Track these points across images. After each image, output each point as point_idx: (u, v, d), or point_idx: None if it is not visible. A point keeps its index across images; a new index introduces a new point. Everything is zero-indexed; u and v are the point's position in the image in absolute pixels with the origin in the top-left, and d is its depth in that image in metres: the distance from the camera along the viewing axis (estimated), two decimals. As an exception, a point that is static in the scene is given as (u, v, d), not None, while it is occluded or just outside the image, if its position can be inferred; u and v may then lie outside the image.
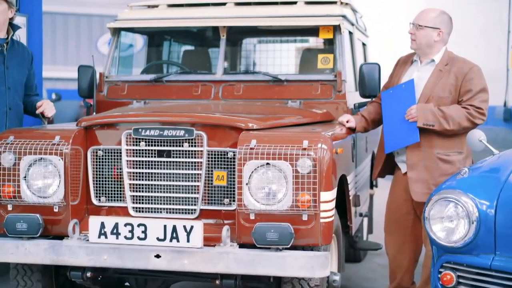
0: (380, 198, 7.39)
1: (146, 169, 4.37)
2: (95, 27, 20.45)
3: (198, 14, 5.55)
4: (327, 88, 5.22)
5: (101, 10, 19.86)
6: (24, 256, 4.24)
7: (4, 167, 4.33)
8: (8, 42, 4.81)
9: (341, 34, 5.32)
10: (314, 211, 4.02)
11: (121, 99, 5.46)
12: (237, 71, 6.35)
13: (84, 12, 20.09)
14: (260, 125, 4.34)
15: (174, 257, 4.07)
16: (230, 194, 4.28)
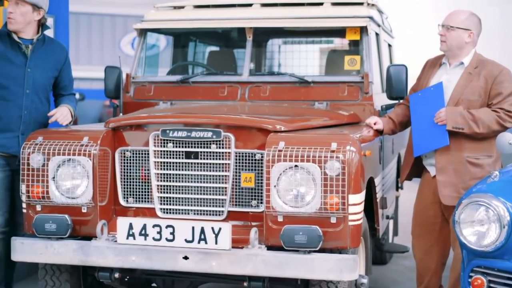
0: (405, 200, 7.36)
1: (174, 170, 4.38)
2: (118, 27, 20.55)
3: (224, 15, 5.54)
4: (354, 90, 5.19)
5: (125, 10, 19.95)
6: (53, 256, 4.27)
7: (33, 168, 4.35)
8: (34, 44, 4.79)
9: (368, 35, 5.30)
10: (343, 214, 4.01)
11: (147, 100, 5.47)
12: (262, 72, 6.33)
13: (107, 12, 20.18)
14: (288, 127, 4.33)
15: (202, 258, 4.07)
16: (257, 196, 4.28)
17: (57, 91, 5.01)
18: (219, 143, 4.30)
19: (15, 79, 4.68)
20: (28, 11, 4.73)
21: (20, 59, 4.72)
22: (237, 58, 6.31)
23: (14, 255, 4.35)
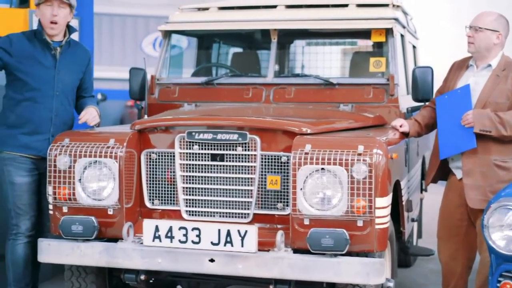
0: (429, 202, 7.32)
1: (199, 173, 4.38)
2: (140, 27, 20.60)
3: (249, 17, 5.54)
4: (380, 92, 5.17)
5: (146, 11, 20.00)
6: (79, 258, 4.28)
7: (60, 170, 4.37)
8: (63, 46, 4.81)
9: (393, 37, 5.27)
10: (370, 217, 3.99)
11: (172, 101, 5.47)
12: (286, 74, 6.32)
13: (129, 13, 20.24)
14: (314, 130, 4.32)
15: (228, 261, 4.07)
16: (283, 198, 4.27)
17: (79, 93, 5.01)
18: (245, 145, 4.29)
19: (45, 82, 4.70)
20: (68, 13, 4.76)
21: (50, 61, 4.73)
22: (260, 59, 6.31)
23: (41, 256, 4.37)
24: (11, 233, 4.67)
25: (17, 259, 4.66)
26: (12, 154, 4.65)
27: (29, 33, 4.72)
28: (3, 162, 4.64)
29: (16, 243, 4.66)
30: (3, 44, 4.58)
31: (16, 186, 4.63)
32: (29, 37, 4.67)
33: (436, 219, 4.98)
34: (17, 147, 4.60)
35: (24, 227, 4.67)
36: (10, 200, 4.65)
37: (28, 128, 4.68)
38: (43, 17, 4.67)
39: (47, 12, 4.67)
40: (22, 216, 4.66)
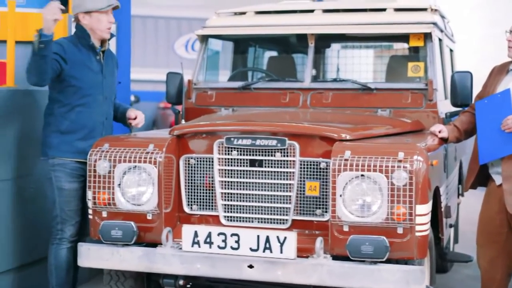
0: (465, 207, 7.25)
1: (238, 178, 4.38)
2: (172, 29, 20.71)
3: (286, 22, 5.52)
4: (418, 97, 5.13)
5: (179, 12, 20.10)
6: (118, 262, 4.31)
7: (100, 174, 4.40)
8: (105, 51, 4.87)
9: (432, 41, 5.23)
10: (410, 224, 3.96)
11: (209, 106, 5.48)
12: (322, 78, 6.30)
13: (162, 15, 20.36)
14: (353, 136, 4.30)
15: (267, 267, 4.07)
16: (322, 205, 4.26)
17: None
18: (284, 151, 4.29)
19: (95, 86, 4.76)
20: (112, 20, 4.86)
21: (96, 66, 4.79)
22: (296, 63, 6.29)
23: (81, 260, 4.41)
24: (55, 238, 4.72)
25: (61, 263, 4.70)
26: (63, 160, 4.68)
27: (73, 39, 4.76)
28: (52, 168, 4.68)
29: (60, 248, 4.70)
30: (59, 51, 4.61)
31: (65, 192, 4.67)
32: (74, 42, 4.72)
33: (472, 223, 4.93)
34: (73, 153, 4.63)
35: (69, 233, 4.71)
36: (57, 206, 4.68)
37: (83, 133, 4.72)
38: (100, 24, 4.74)
39: (104, 19, 4.75)
40: (68, 221, 4.70)
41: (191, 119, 5.22)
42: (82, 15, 4.72)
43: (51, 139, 4.69)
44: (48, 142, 4.70)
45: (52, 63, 4.53)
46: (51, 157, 4.68)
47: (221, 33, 5.71)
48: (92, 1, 4.70)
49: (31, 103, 5.13)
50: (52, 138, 4.69)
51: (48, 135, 4.71)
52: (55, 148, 4.67)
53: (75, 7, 4.74)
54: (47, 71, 4.49)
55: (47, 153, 4.69)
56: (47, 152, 4.69)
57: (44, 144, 4.73)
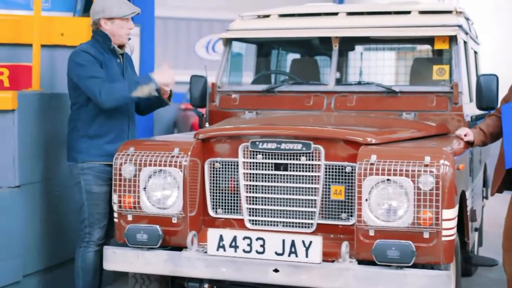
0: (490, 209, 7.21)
1: (263, 182, 4.38)
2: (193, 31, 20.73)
3: (310, 25, 5.51)
4: (443, 100, 5.09)
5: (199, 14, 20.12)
6: (144, 266, 4.33)
7: (125, 178, 4.41)
8: (124, 54, 4.90)
9: (457, 44, 5.19)
10: (436, 229, 3.94)
11: (233, 109, 5.48)
12: (346, 81, 6.28)
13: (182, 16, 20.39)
14: (378, 140, 4.28)
15: (292, 271, 4.06)
16: (348, 209, 4.25)
17: None
18: (309, 155, 4.28)
19: None
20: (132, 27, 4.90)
21: (118, 69, 4.82)
22: (319, 66, 6.28)
23: (106, 264, 4.43)
24: (83, 241, 4.74)
25: (88, 266, 4.72)
26: (92, 163, 4.70)
27: (94, 43, 4.77)
28: (81, 172, 4.70)
29: (88, 251, 4.72)
30: (94, 62, 4.64)
31: (94, 195, 4.69)
32: (96, 47, 4.74)
33: (496, 226, 4.89)
34: (102, 156, 4.65)
35: (97, 236, 4.73)
36: (85, 209, 4.70)
37: (111, 136, 4.74)
38: (122, 29, 4.78)
39: (125, 26, 4.79)
40: (96, 224, 4.72)
41: (215, 122, 5.23)
42: (104, 20, 4.74)
43: (80, 144, 4.71)
44: (76, 147, 4.72)
45: (102, 72, 4.63)
46: (81, 162, 4.69)
47: (245, 36, 5.70)
48: (117, 8, 4.73)
49: (56, 106, 5.16)
50: (80, 143, 4.71)
51: (76, 140, 4.72)
52: (84, 153, 4.70)
53: (98, 13, 4.75)
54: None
55: (76, 157, 4.71)
56: (76, 156, 4.71)
57: (72, 149, 4.75)
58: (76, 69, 4.63)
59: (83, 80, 4.60)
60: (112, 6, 4.72)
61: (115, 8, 4.73)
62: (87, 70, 4.60)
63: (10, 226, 4.73)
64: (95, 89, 4.56)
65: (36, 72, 5.22)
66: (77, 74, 4.63)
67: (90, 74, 4.59)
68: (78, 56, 4.65)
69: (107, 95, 4.56)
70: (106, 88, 4.57)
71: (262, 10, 5.93)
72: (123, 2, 4.81)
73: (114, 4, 4.73)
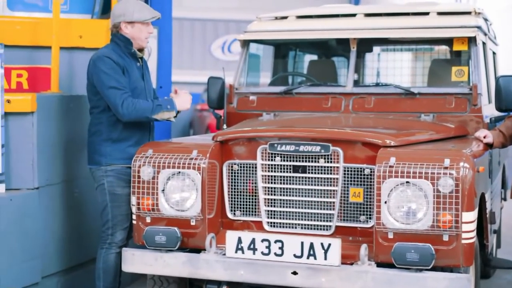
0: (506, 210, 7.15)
1: (281, 184, 4.38)
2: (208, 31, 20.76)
3: (328, 26, 5.49)
4: (462, 102, 5.07)
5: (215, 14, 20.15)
6: (162, 268, 4.33)
7: (144, 180, 4.42)
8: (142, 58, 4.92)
9: (476, 45, 5.17)
10: (456, 232, 3.92)
11: (250, 111, 5.47)
12: (364, 83, 6.26)
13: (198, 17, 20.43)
14: (397, 142, 4.27)
15: (311, 274, 4.06)
16: (366, 211, 4.23)
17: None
18: (328, 157, 4.27)
19: (141, 93, 4.79)
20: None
21: (138, 72, 4.83)
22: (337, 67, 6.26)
23: (125, 266, 4.44)
24: (105, 242, 4.75)
25: (109, 268, 4.73)
26: (115, 166, 4.71)
27: (114, 47, 4.76)
28: (105, 174, 4.71)
29: (109, 253, 4.73)
30: (118, 69, 4.65)
31: (117, 197, 4.70)
32: (117, 51, 4.74)
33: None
34: (125, 159, 4.64)
35: (119, 237, 4.74)
36: (108, 210, 4.71)
37: (134, 139, 4.75)
38: (141, 33, 4.79)
39: (144, 30, 4.80)
40: (119, 226, 4.72)
41: (232, 124, 5.23)
42: (124, 24, 4.75)
43: (104, 147, 4.72)
44: (100, 150, 4.72)
45: (125, 81, 4.67)
46: (105, 165, 4.71)
47: (262, 38, 5.70)
48: (138, 12, 4.73)
49: (75, 108, 5.18)
50: (104, 147, 4.72)
51: (99, 143, 4.73)
52: (108, 156, 4.71)
53: (118, 16, 4.76)
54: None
55: (99, 161, 4.72)
56: (100, 160, 4.72)
57: (95, 152, 4.75)
58: (99, 76, 4.63)
59: (106, 89, 4.61)
60: (133, 10, 4.73)
61: (136, 12, 4.74)
62: (110, 79, 4.61)
63: (29, 227, 4.75)
64: (117, 100, 4.57)
65: (55, 74, 5.25)
66: (100, 81, 4.63)
67: (113, 84, 4.60)
68: (101, 62, 4.64)
69: (128, 110, 4.58)
70: (129, 103, 4.58)
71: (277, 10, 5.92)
72: (144, 6, 4.83)
73: (135, 8, 4.74)
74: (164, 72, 6.35)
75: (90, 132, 4.80)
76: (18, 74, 5.36)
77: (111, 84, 4.60)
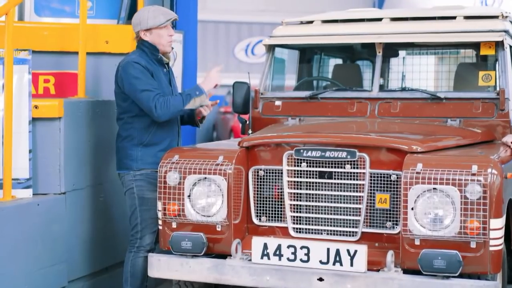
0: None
1: (307, 190, 4.38)
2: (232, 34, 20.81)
3: (354, 30, 5.47)
4: (489, 107, 5.02)
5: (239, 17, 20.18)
6: (188, 274, 4.35)
7: (170, 186, 4.44)
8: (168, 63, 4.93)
9: (503, 50, 5.11)
10: (484, 239, 3.90)
11: (275, 115, 5.46)
12: (389, 87, 6.23)
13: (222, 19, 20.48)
14: (424, 148, 4.25)
15: (337, 281, 4.05)
16: (392, 217, 4.22)
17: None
18: (354, 163, 4.26)
19: None
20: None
21: (165, 78, 4.86)
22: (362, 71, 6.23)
23: (151, 271, 4.46)
24: (134, 246, 4.76)
25: (137, 272, 4.74)
26: (144, 170, 4.73)
27: (142, 54, 4.78)
28: (134, 178, 4.73)
29: (138, 256, 4.74)
30: (147, 74, 4.68)
31: (146, 201, 4.72)
32: (145, 58, 4.76)
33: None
34: (156, 164, 4.61)
35: (148, 241, 4.75)
36: (137, 214, 4.73)
37: (165, 144, 4.78)
38: (162, 38, 4.80)
39: (164, 34, 4.81)
40: (147, 230, 4.74)
41: (258, 129, 5.23)
42: (143, 32, 4.78)
43: (135, 152, 4.74)
44: (131, 155, 4.74)
45: (156, 84, 4.70)
46: (136, 169, 4.73)
47: (288, 43, 5.68)
48: (152, 18, 4.76)
49: (102, 113, 5.20)
50: (136, 151, 4.74)
51: (130, 148, 4.75)
52: (140, 160, 4.73)
53: (136, 25, 4.79)
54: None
55: (130, 166, 4.74)
56: (131, 165, 4.74)
57: (125, 157, 4.76)
58: (130, 81, 4.66)
59: (138, 93, 4.63)
60: (147, 17, 4.76)
61: (150, 19, 4.76)
62: (141, 82, 4.63)
63: (55, 232, 4.78)
64: (151, 103, 4.60)
65: (81, 80, 5.28)
66: (131, 86, 4.65)
67: (145, 87, 4.62)
68: (131, 67, 4.67)
69: (162, 109, 4.61)
70: (161, 102, 4.61)
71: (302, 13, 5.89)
72: (158, 11, 4.83)
73: (149, 15, 4.76)
74: (189, 77, 6.35)
75: (120, 137, 4.82)
76: (45, 80, 5.40)
77: (143, 87, 4.62)
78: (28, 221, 4.53)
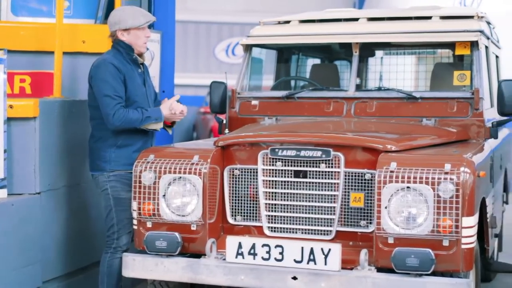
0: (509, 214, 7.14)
1: (282, 189, 4.39)
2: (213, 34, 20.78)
3: (331, 30, 5.49)
4: (464, 106, 5.06)
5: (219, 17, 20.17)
6: (163, 273, 4.35)
7: (145, 185, 4.44)
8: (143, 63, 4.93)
9: (478, 50, 5.16)
10: (456, 237, 3.92)
11: (252, 115, 5.47)
12: (365, 87, 6.25)
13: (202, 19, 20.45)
14: (398, 147, 4.27)
15: (311, 279, 4.06)
16: (367, 216, 4.24)
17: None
18: (329, 162, 4.28)
19: (143, 99, 4.83)
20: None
21: (140, 78, 4.86)
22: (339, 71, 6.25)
23: (126, 271, 4.45)
24: (110, 247, 4.75)
25: (113, 272, 4.73)
26: (118, 171, 4.73)
27: (116, 54, 4.78)
28: (108, 179, 4.72)
29: (115, 257, 4.73)
30: (118, 76, 4.68)
31: (122, 201, 4.71)
32: (119, 58, 4.76)
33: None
34: (130, 164, 4.62)
35: (125, 241, 4.75)
36: (113, 215, 4.72)
37: (138, 145, 4.78)
38: (139, 39, 4.81)
39: (141, 35, 4.82)
40: (124, 230, 4.73)
41: (234, 128, 5.24)
42: (120, 32, 4.78)
43: (109, 154, 4.73)
44: (104, 157, 4.74)
45: (122, 90, 4.69)
46: (109, 171, 4.73)
47: (265, 42, 5.70)
48: (131, 19, 4.76)
49: (78, 113, 5.18)
50: (109, 153, 4.73)
51: (103, 149, 4.74)
52: (113, 162, 4.72)
53: (114, 24, 4.79)
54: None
55: (104, 167, 4.73)
56: (104, 166, 4.73)
57: (98, 159, 4.76)
58: (97, 82, 4.67)
59: (101, 96, 4.65)
60: (127, 17, 4.77)
61: (130, 19, 4.76)
62: (107, 87, 4.64)
63: (30, 232, 4.76)
64: (110, 110, 4.62)
65: (57, 79, 5.26)
66: (97, 88, 4.67)
67: (109, 93, 4.63)
68: (103, 68, 4.67)
69: (119, 120, 4.63)
70: (120, 113, 4.62)
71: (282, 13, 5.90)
72: (138, 12, 4.85)
73: (129, 16, 4.77)
74: (167, 76, 6.34)
75: (94, 138, 4.82)
76: (21, 79, 5.38)
77: (107, 92, 4.63)
78: (2, 221, 4.51)
